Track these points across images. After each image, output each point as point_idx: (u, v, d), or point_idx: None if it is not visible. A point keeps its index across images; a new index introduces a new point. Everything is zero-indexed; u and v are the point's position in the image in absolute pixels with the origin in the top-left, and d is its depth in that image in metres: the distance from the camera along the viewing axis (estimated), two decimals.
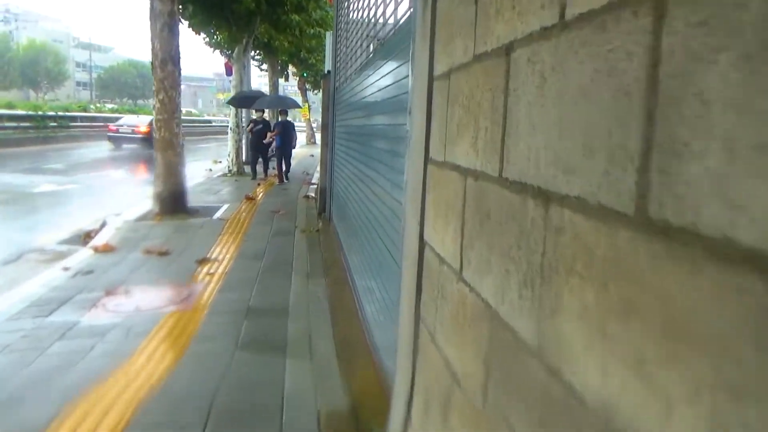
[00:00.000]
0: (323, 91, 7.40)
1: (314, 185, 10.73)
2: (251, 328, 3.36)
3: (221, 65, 15.24)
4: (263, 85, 28.75)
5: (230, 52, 13.58)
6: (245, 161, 13.17)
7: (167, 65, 6.67)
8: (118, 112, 33.44)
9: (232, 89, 13.68)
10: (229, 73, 14.24)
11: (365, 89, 3.62)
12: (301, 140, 19.99)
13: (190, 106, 78.09)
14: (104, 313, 3.63)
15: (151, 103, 8.06)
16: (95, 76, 72.75)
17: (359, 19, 4.27)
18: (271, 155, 12.97)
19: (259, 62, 19.95)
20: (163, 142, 6.94)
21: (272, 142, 11.97)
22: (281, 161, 11.71)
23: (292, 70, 24.74)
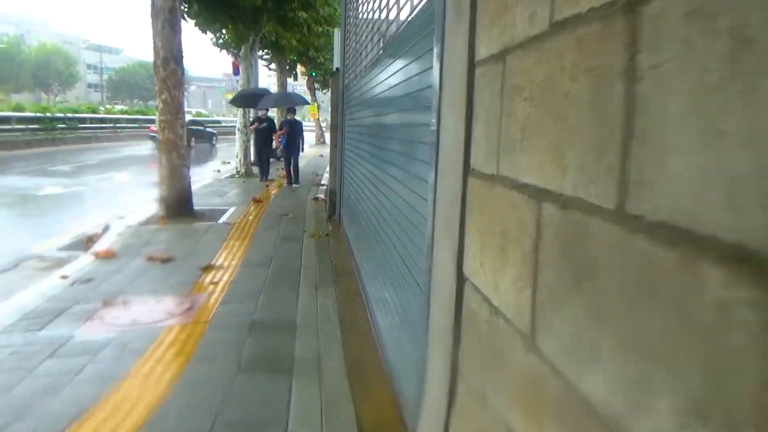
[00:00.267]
0: (332, 89, 7.11)
1: (324, 186, 10.46)
2: (255, 346, 3.11)
3: (230, 66, 14.96)
4: (272, 84, 28.65)
5: (237, 51, 13.29)
6: (253, 162, 12.76)
7: (169, 64, 6.42)
8: (127, 113, 33.54)
9: (239, 89, 13.35)
10: (236, 72, 13.97)
11: (378, 85, 3.34)
12: (310, 140, 19.84)
13: (199, 106, 78.54)
14: (100, 326, 3.40)
15: None
16: (106, 77, 73.12)
17: (370, 9, 3.98)
18: (279, 156, 12.61)
19: (267, 62, 19.79)
20: (167, 143, 6.70)
21: (278, 142, 11.54)
22: (289, 162, 11.07)
23: (300, 69, 24.56)
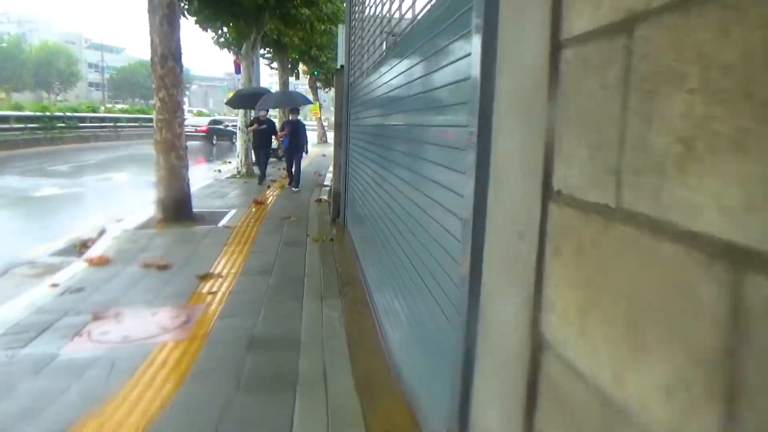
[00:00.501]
0: (336, 88, 6.82)
1: (327, 187, 10.19)
2: (255, 364, 2.86)
3: (232, 64, 14.67)
4: (273, 84, 28.40)
5: (238, 49, 13.02)
6: (254, 162, 12.42)
7: (167, 61, 6.16)
8: (128, 112, 33.32)
9: (240, 87, 13.05)
10: (237, 70, 13.71)
11: (390, 81, 3.07)
12: (312, 139, 19.62)
13: (201, 105, 78.40)
14: (88, 343, 3.16)
15: None
16: (107, 76, 72.84)
17: (379, 0, 3.71)
18: (281, 156, 12.30)
19: (269, 60, 19.54)
20: (164, 144, 6.43)
21: (280, 143, 11.17)
22: (291, 164, 10.51)
23: (302, 68, 24.32)
